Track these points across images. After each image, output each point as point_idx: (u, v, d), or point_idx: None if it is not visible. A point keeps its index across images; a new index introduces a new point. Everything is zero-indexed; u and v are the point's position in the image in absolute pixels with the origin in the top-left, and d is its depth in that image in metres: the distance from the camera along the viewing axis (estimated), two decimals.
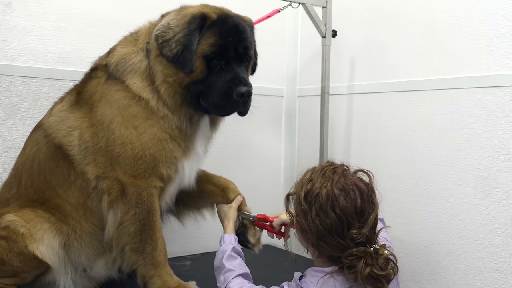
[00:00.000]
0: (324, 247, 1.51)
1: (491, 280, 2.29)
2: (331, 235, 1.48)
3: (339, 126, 3.04)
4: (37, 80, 2.42)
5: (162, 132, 1.92)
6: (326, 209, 1.48)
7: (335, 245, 1.48)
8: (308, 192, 1.53)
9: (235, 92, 1.89)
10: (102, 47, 2.14)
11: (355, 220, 1.48)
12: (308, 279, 1.56)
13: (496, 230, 2.27)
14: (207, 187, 2.26)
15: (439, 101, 2.50)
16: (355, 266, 1.43)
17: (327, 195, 1.49)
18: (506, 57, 2.25)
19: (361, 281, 1.44)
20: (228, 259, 1.87)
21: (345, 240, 1.47)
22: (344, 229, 1.47)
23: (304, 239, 1.59)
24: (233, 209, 2.15)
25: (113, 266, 2.12)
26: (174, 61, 1.86)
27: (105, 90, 1.95)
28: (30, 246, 1.85)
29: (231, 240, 1.98)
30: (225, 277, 1.82)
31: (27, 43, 2.39)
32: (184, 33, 1.86)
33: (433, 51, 2.54)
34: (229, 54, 1.91)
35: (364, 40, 2.91)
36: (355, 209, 1.49)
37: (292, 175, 3.43)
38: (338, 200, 1.48)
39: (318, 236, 1.49)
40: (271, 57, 3.18)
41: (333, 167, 1.59)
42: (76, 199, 1.98)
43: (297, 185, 1.62)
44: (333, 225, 1.47)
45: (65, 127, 1.98)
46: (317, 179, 1.54)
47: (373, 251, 1.45)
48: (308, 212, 1.51)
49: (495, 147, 2.27)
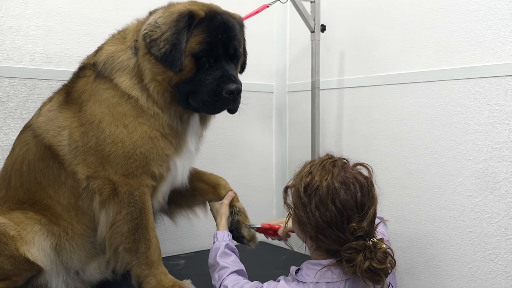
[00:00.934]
0: (322, 240, 1.50)
1: (485, 270, 2.30)
2: (331, 228, 1.48)
3: (330, 120, 3.04)
4: (24, 81, 2.39)
5: (152, 130, 1.90)
6: (326, 202, 1.48)
7: (334, 239, 1.48)
8: (307, 185, 1.52)
9: (224, 90, 1.87)
10: (89, 46, 2.12)
11: (355, 213, 1.48)
12: (305, 272, 1.56)
13: (489, 220, 2.28)
14: (198, 184, 2.24)
15: (429, 93, 2.50)
16: (354, 259, 1.44)
17: (327, 188, 1.49)
18: (495, 48, 2.25)
19: (360, 275, 1.44)
20: (222, 257, 1.86)
21: (345, 233, 1.47)
22: (344, 223, 1.47)
23: (302, 232, 1.58)
24: (225, 206, 2.13)
25: (106, 269, 2.10)
26: (163, 60, 1.84)
27: (94, 89, 1.93)
28: (21, 248, 1.83)
29: (224, 237, 1.96)
30: (220, 274, 1.81)
31: (13, 43, 2.35)
32: (172, 31, 1.84)
33: (423, 43, 2.54)
34: (218, 51, 1.89)
35: (353, 34, 2.90)
36: (355, 202, 1.49)
37: (283, 171, 3.42)
38: (339, 193, 1.48)
39: (317, 229, 1.49)
40: (260, 53, 3.17)
41: (332, 160, 1.59)
42: (67, 200, 1.96)
43: (296, 177, 1.61)
44: (333, 218, 1.47)
45: (54, 127, 1.96)
46: (316, 172, 1.54)
47: (372, 245, 1.45)
48: (307, 205, 1.51)
49: (486, 138, 2.28)
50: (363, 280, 1.46)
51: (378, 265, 1.43)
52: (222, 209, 2.11)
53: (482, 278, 2.31)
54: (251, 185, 3.18)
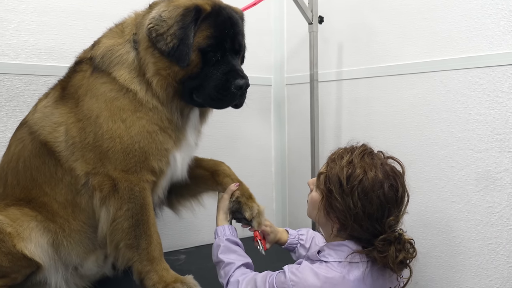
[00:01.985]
0: (356, 230, 1.54)
1: (487, 261, 2.29)
2: (370, 220, 1.52)
3: (329, 113, 3.02)
4: (20, 77, 2.36)
5: (151, 124, 1.88)
6: (371, 195, 1.52)
7: (370, 230, 1.53)
8: (350, 175, 1.55)
9: (233, 85, 1.86)
10: (85, 40, 2.10)
11: (394, 207, 1.55)
12: (327, 253, 1.59)
13: (491, 211, 2.27)
14: (198, 171, 2.18)
15: (429, 84, 2.49)
16: (386, 250, 1.50)
17: (372, 181, 1.53)
18: (495, 37, 2.24)
19: (392, 265, 1.50)
20: (224, 253, 1.82)
21: (382, 226, 1.52)
22: (384, 216, 1.53)
23: (328, 217, 1.60)
24: (224, 200, 2.01)
25: (104, 263, 2.09)
26: (170, 55, 1.82)
27: (90, 83, 1.90)
28: (18, 245, 1.82)
29: (224, 232, 1.90)
30: (225, 271, 1.78)
31: (8, 39, 2.33)
32: (179, 26, 1.81)
33: (421, 34, 2.52)
34: (224, 46, 1.88)
35: (351, 25, 2.88)
36: (395, 197, 1.55)
37: (283, 164, 3.41)
38: (383, 187, 1.53)
39: (355, 219, 1.53)
40: (257, 46, 3.15)
41: (370, 151, 1.63)
42: (64, 197, 1.93)
43: (332, 164, 1.62)
44: (374, 211, 1.52)
45: (50, 123, 1.94)
46: (358, 162, 1.57)
47: (399, 236, 1.52)
48: (348, 195, 1.53)
49: (487, 128, 2.27)
50: (394, 271, 1.53)
51: (408, 256, 1.53)
52: (220, 203, 2.02)
53: (484, 269, 2.30)
54: (250, 179, 3.12)
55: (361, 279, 1.53)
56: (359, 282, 1.53)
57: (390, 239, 1.51)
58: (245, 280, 1.69)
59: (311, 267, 1.56)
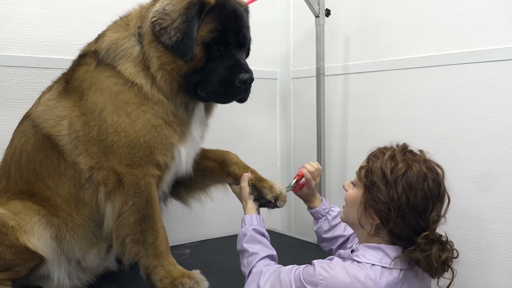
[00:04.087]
0: (398, 224, 1.51)
1: (495, 257, 2.27)
2: (413, 213, 1.50)
3: (335, 107, 3.00)
4: (25, 70, 2.35)
5: (156, 118, 1.86)
6: (416, 187, 1.50)
7: (413, 225, 1.51)
8: (394, 168, 1.55)
9: (238, 79, 1.85)
10: (90, 33, 2.08)
11: (437, 203, 1.53)
12: (361, 253, 1.55)
13: (499, 206, 2.24)
14: (205, 163, 2.17)
15: (437, 78, 2.46)
16: (429, 250, 1.48)
17: (418, 173, 1.52)
18: (504, 31, 2.21)
19: (436, 265, 1.48)
20: (249, 242, 1.80)
21: (425, 221, 1.51)
22: (427, 210, 1.51)
23: (367, 214, 1.58)
24: (244, 189, 1.99)
25: (106, 256, 2.08)
26: (174, 49, 1.80)
27: (95, 77, 1.89)
28: (21, 238, 1.82)
29: (252, 221, 1.87)
30: (248, 261, 1.76)
31: (12, 32, 2.31)
32: (182, 19, 1.79)
33: (429, 27, 2.49)
34: (228, 40, 1.86)
35: (358, 18, 2.85)
36: (438, 192, 1.54)
37: (288, 158, 3.39)
38: (428, 180, 1.52)
39: (398, 212, 1.50)
40: (263, 39, 3.11)
41: (410, 149, 1.63)
42: (67, 191, 1.93)
43: (374, 159, 1.62)
44: (419, 203, 1.51)
45: (53, 116, 1.92)
46: (400, 158, 1.56)
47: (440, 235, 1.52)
48: (392, 187, 1.52)
49: (495, 123, 2.24)
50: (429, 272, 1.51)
51: (450, 255, 1.52)
52: (242, 193, 1.99)
53: (491, 265, 2.28)
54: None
55: (392, 286, 1.50)
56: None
57: (432, 237, 1.49)
58: (269, 271, 1.66)
59: (343, 265, 1.53)
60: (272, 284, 1.60)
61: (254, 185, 2.02)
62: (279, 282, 1.59)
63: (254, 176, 2.05)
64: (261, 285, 1.63)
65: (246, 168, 2.11)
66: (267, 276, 1.64)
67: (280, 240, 2.76)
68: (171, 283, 1.85)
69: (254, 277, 1.68)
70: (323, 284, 1.49)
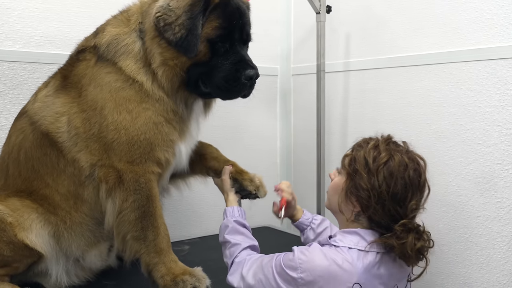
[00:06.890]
0: (377, 212, 1.56)
1: (494, 256, 2.27)
2: (393, 200, 1.55)
3: (335, 104, 2.99)
4: (24, 65, 2.34)
5: (157, 116, 1.86)
6: (397, 176, 1.55)
7: (391, 212, 1.56)
8: (376, 156, 1.60)
9: (244, 75, 1.86)
10: (90, 28, 2.05)
11: (417, 192, 1.59)
12: (339, 238, 1.61)
13: (499, 205, 2.24)
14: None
15: (438, 76, 2.45)
16: (405, 237, 1.52)
17: (399, 162, 1.57)
18: (506, 28, 2.19)
19: (410, 253, 1.52)
20: (231, 233, 1.84)
21: (403, 209, 1.55)
22: (407, 199, 1.56)
23: (349, 201, 1.63)
24: (225, 182, 2.04)
25: (108, 256, 2.08)
26: (178, 45, 1.80)
27: (95, 72, 1.87)
28: (19, 234, 1.81)
29: (233, 213, 1.91)
30: (231, 251, 1.80)
31: (12, 26, 2.30)
32: (187, 16, 1.79)
33: (431, 25, 2.48)
34: (233, 36, 1.87)
35: (360, 15, 2.84)
36: (418, 182, 1.59)
37: (288, 155, 3.39)
38: (409, 170, 1.57)
39: (378, 200, 1.55)
40: (264, 35, 3.12)
41: (394, 140, 1.69)
42: (66, 188, 1.92)
43: (358, 148, 1.68)
44: (398, 191, 1.55)
45: (51, 113, 1.91)
46: (384, 148, 1.62)
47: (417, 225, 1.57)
48: (373, 175, 1.56)
49: (497, 121, 2.23)
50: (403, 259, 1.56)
51: (425, 245, 1.56)
52: (224, 186, 2.04)
53: (491, 264, 2.28)
54: (255, 170, 3.08)
55: (369, 268, 1.54)
56: (366, 271, 1.54)
57: (410, 226, 1.54)
58: (251, 260, 1.71)
59: (321, 249, 1.58)
60: (255, 272, 1.66)
61: (235, 178, 2.08)
62: (261, 269, 1.64)
63: (235, 169, 2.11)
64: (244, 273, 1.69)
65: (226, 162, 2.15)
66: (249, 265, 1.70)
67: (279, 238, 2.76)
68: (172, 280, 1.84)
69: (237, 266, 1.73)
70: (302, 267, 1.53)
